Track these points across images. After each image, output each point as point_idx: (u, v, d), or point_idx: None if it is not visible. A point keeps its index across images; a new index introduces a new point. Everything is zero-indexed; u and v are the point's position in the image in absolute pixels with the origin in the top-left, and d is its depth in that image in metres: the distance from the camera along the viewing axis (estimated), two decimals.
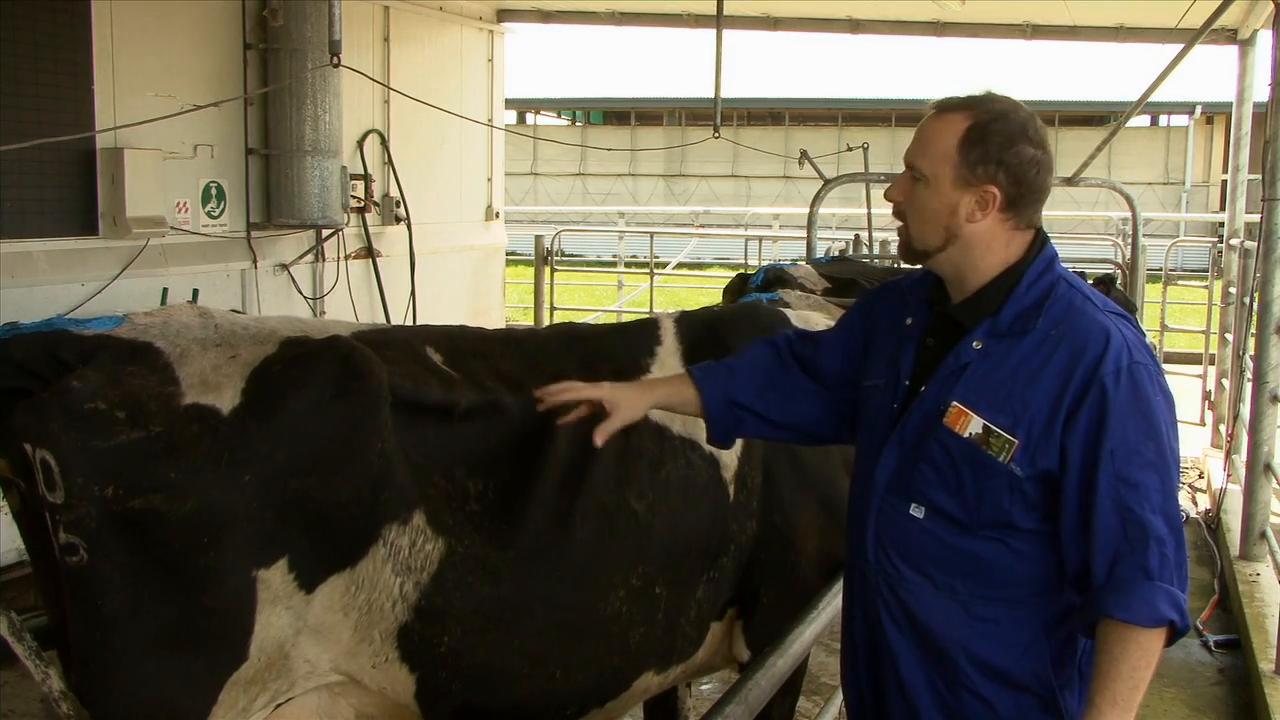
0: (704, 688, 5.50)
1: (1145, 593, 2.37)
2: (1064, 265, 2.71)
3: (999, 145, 2.55)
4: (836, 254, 11.44)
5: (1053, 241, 2.75)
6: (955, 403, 2.57)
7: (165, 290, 7.75)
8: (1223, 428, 10.09)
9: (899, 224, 2.72)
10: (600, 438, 2.93)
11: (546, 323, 11.96)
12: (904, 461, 2.66)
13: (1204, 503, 9.54)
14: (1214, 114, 35.13)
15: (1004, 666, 2.61)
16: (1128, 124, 9.20)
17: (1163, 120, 38.51)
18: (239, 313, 3.13)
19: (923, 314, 2.77)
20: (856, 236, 12.59)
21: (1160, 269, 13.70)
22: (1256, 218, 9.80)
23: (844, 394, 2.96)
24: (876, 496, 2.71)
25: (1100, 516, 2.43)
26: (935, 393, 2.62)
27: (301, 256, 9.18)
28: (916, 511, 2.64)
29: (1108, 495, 2.42)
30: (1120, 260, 11.18)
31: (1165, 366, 10.75)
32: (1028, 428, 2.50)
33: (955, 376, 2.60)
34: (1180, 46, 7.55)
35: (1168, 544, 2.40)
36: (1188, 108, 35.47)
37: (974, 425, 2.55)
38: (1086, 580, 2.46)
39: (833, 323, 3.43)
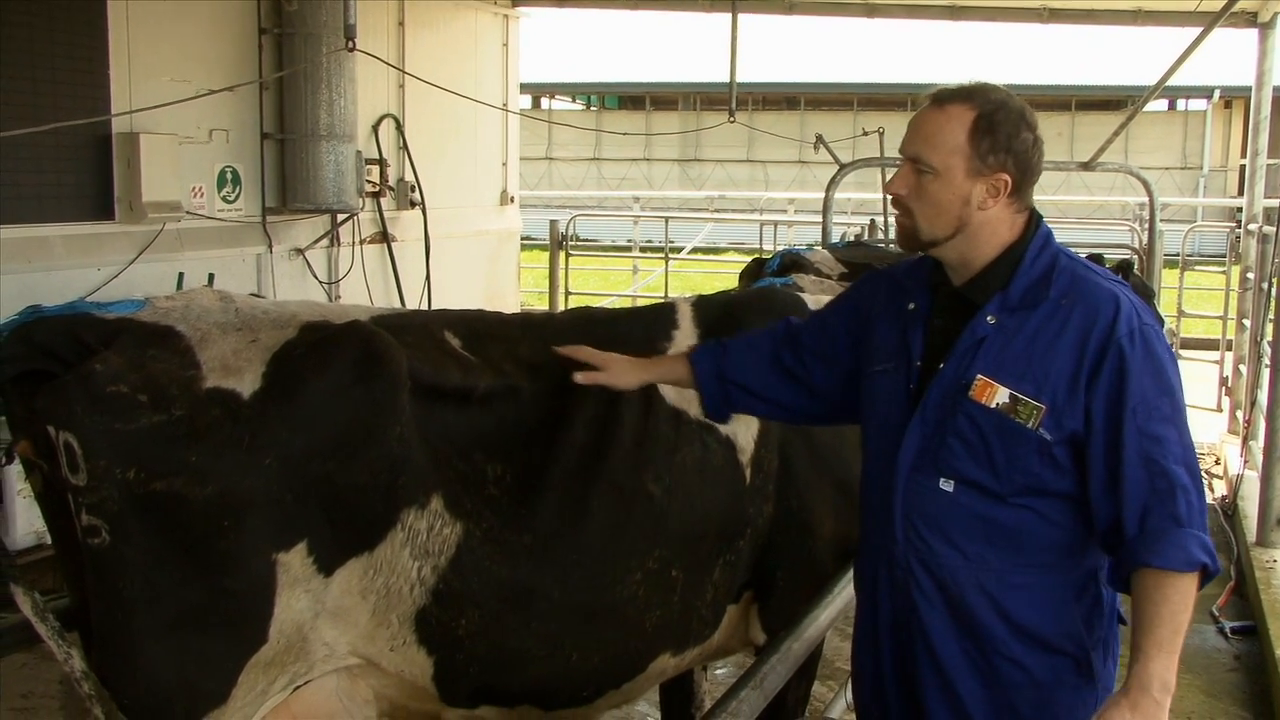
0: (719, 671, 5.51)
1: (1178, 539, 2.48)
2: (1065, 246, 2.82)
3: (1008, 134, 2.65)
4: (852, 239, 11.40)
5: (1070, 228, 2.79)
6: (980, 375, 2.65)
7: (181, 275, 7.77)
8: (1240, 414, 10.05)
9: (899, 215, 2.78)
10: (578, 378, 3.10)
11: (562, 307, 11.97)
12: (928, 439, 2.73)
13: (1221, 489, 9.50)
14: (1232, 98, 34.86)
15: (1039, 630, 2.70)
16: (1145, 108, 9.15)
17: (1180, 104, 38.24)
18: (259, 297, 3.15)
19: (925, 297, 2.85)
20: (872, 221, 12.55)
21: (1177, 254, 13.64)
22: (1275, 202, 9.74)
23: (836, 377, 3.06)
24: (902, 476, 2.76)
25: (1128, 471, 2.53)
26: (954, 369, 2.70)
27: (316, 241, 9.20)
28: (946, 486, 2.71)
29: (1134, 450, 2.53)
30: (1137, 245, 11.15)
31: (1182, 353, 10.68)
32: (1052, 393, 2.60)
33: (973, 351, 2.68)
34: (1199, 30, 7.51)
35: (1192, 492, 2.52)
36: (1206, 92, 35.20)
37: (1000, 395, 2.63)
38: (1117, 536, 2.56)
39: None
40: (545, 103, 42.45)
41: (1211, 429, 11.03)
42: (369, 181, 9.45)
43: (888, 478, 2.79)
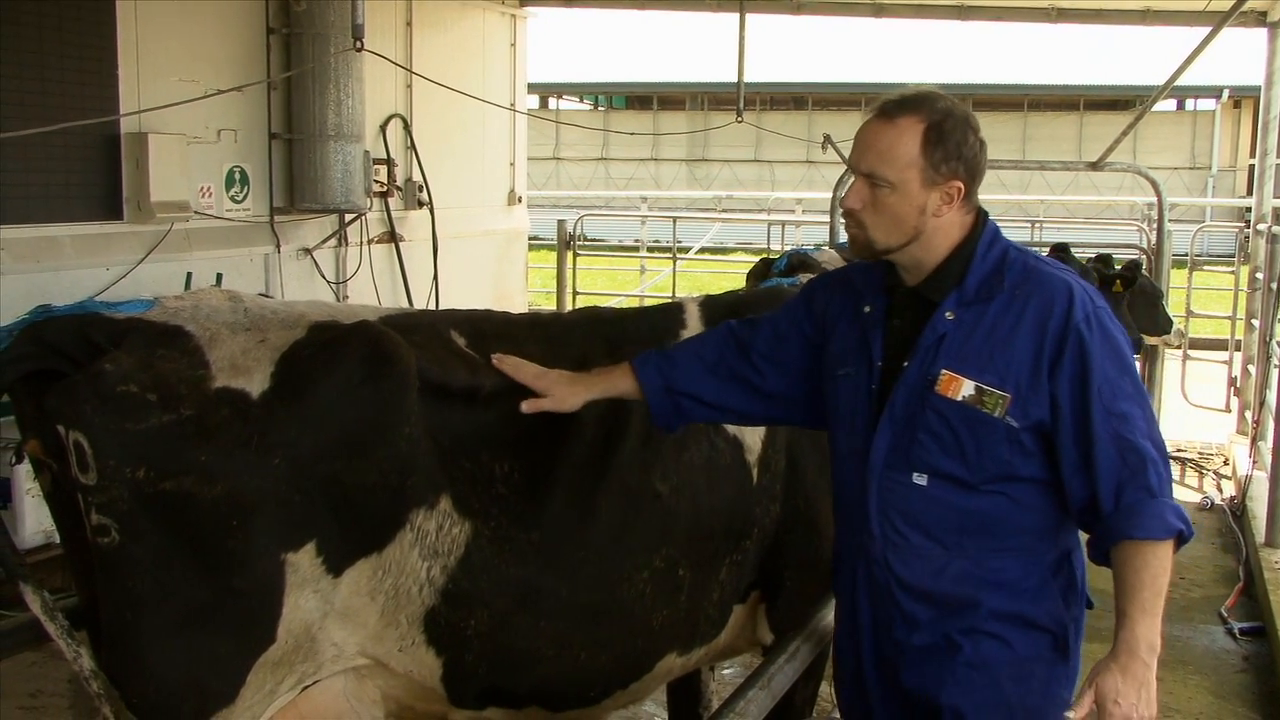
0: (726, 671, 5.51)
1: (1154, 509, 2.60)
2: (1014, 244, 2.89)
3: (957, 141, 2.73)
4: None
5: (1078, 227, 2.82)
6: (945, 370, 2.73)
7: (189, 275, 7.79)
8: (1248, 414, 10.02)
9: (852, 227, 2.83)
10: (525, 408, 3.04)
11: (569, 307, 11.97)
12: (899, 436, 2.80)
13: (1229, 490, 9.49)
14: (1241, 98, 34.80)
15: (1020, 610, 2.78)
16: (1154, 108, 9.13)
17: (1189, 104, 38.19)
18: (267, 297, 3.15)
19: (881, 299, 2.91)
20: None
21: (1186, 254, 13.61)
22: None
23: (793, 381, 3.09)
24: (875, 474, 2.82)
25: (1099, 450, 2.63)
26: (919, 366, 2.77)
27: (324, 241, 9.20)
28: (920, 480, 2.78)
29: (1103, 430, 2.63)
30: (1146, 246, 11.12)
31: (1190, 353, 10.66)
32: (1015, 382, 2.68)
33: (936, 347, 2.76)
34: (1208, 29, 7.49)
35: (1160, 464, 2.64)
36: (1215, 91, 35.13)
37: (966, 388, 2.71)
38: (1094, 513, 2.67)
39: None
40: (553, 103, 42.49)
41: (1220, 429, 11.01)
42: (377, 181, 9.46)
43: (860, 477, 2.86)
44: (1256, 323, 10.15)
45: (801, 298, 3.17)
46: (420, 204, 10.19)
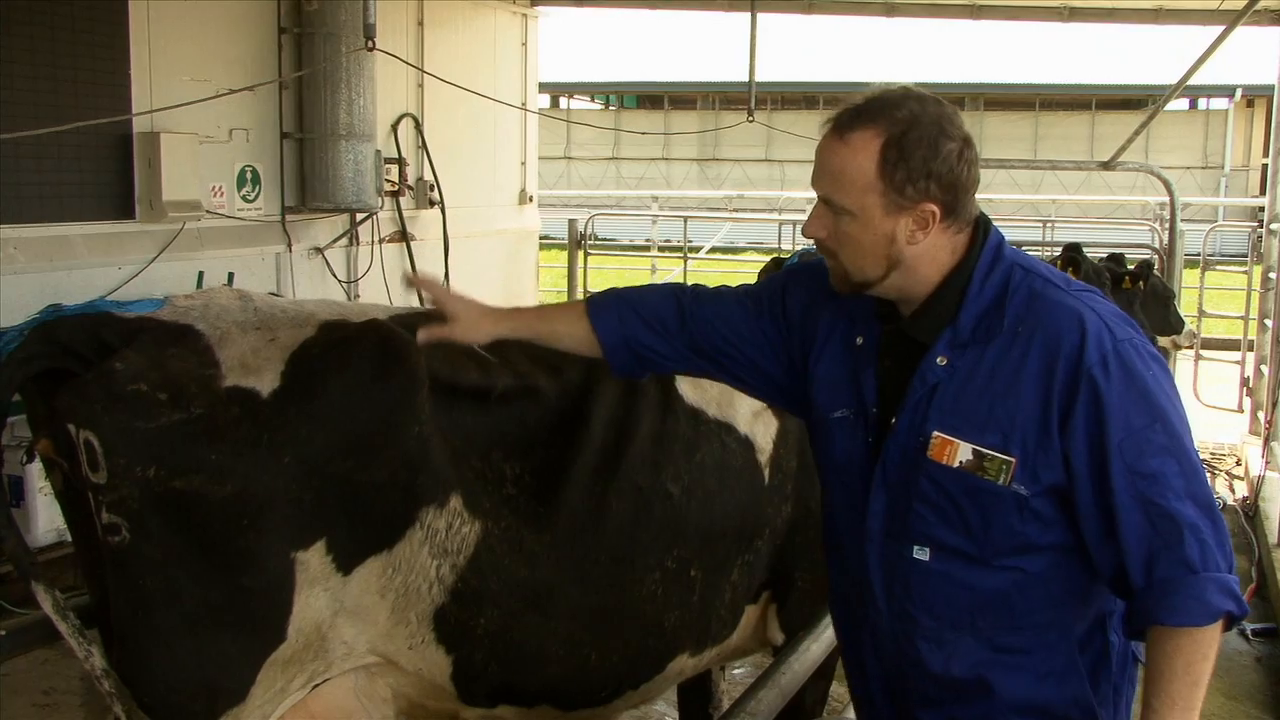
0: (737, 671, 5.50)
1: (1193, 589, 2.16)
2: (1014, 248, 2.44)
3: (924, 156, 2.27)
4: None
5: (1090, 227, 2.60)
6: (936, 432, 2.32)
7: (201, 274, 7.80)
8: (1261, 414, 9.99)
9: (825, 257, 2.44)
10: (421, 335, 2.72)
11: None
12: (894, 504, 2.41)
13: (1241, 490, 9.45)
14: (1254, 97, 34.68)
15: (1039, 699, 2.39)
16: (1166, 107, 9.11)
17: (1202, 103, 38.06)
18: (277, 296, 3.15)
19: (873, 329, 2.49)
20: None
21: (1199, 254, 13.56)
22: None
23: (763, 377, 2.71)
24: (874, 543, 2.44)
25: (1124, 518, 2.21)
26: (909, 424, 2.37)
27: (336, 240, 9.22)
28: (921, 554, 2.39)
29: (1126, 494, 2.20)
30: (1158, 245, 11.09)
31: (1203, 353, 10.59)
32: (1021, 442, 2.27)
33: (926, 401, 2.35)
34: (1221, 28, 7.47)
35: (1203, 529, 2.18)
36: (1228, 90, 35.00)
37: (962, 453, 2.30)
38: (1124, 584, 2.25)
39: None
40: (564, 102, 42.51)
41: (1233, 430, 10.98)
42: (388, 181, 9.47)
43: (859, 541, 2.47)
44: (1270, 323, 10.11)
45: (771, 291, 2.72)
46: (431, 203, 10.21)
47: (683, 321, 2.70)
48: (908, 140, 2.27)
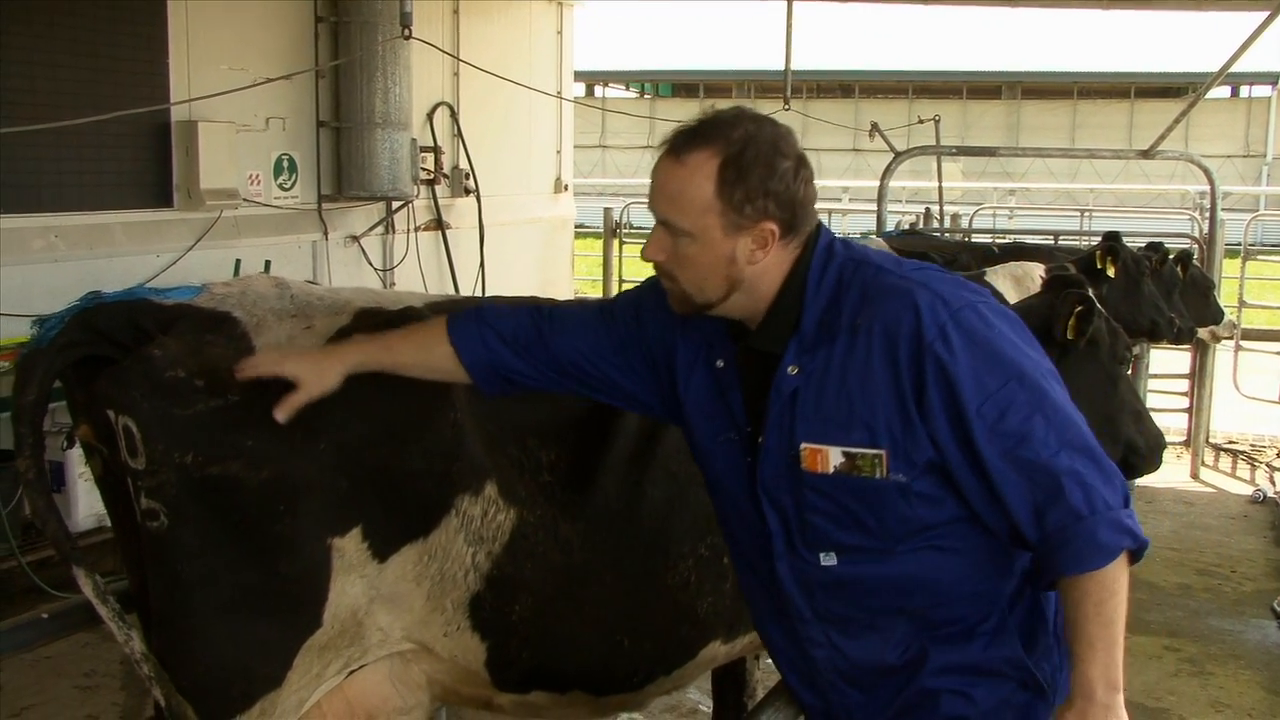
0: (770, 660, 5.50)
1: (1085, 534, 2.19)
2: (845, 241, 2.49)
3: (761, 175, 2.28)
4: (907, 228, 11.34)
5: (1129, 216, 2.58)
6: (804, 444, 2.33)
7: (238, 262, 7.86)
8: None
9: (665, 280, 2.43)
10: (279, 414, 2.58)
11: (615, 294, 11.96)
12: (787, 520, 2.42)
13: None
14: None
15: (974, 662, 2.42)
16: (1207, 95, 9.00)
17: (1243, 91, 37.62)
18: (314, 284, 3.17)
19: (729, 350, 2.50)
20: (927, 210, 12.47)
21: (1239, 244, 13.44)
22: None
23: (629, 394, 2.71)
24: (783, 560, 2.45)
25: (1002, 480, 2.23)
26: (776, 440, 2.38)
27: (372, 228, 9.26)
28: (829, 560, 2.40)
29: (998, 457, 2.23)
30: (1198, 235, 10.97)
31: (1243, 343, 10.47)
32: (887, 432, 2.28)
33: (788, 413, 2.35)
34: (1264, 14, 7.38)
35: (1083, 473, 2.21)
36: (1270, 78, 34.60)
37: (834, 457, 2.32)
38: (1022, 541, 2.29)
39: None
40: (599, 90, 42.47)
41: (1273, 421, 10.87)
42: (424, 169, 9.51)
43: (767, 559, 2.47)
44: None
45: (625, 312, 2.68)
46: (467, 191, 10.24)
47: (542, 342, 2.69)
48: (745, 160, 2.28)
